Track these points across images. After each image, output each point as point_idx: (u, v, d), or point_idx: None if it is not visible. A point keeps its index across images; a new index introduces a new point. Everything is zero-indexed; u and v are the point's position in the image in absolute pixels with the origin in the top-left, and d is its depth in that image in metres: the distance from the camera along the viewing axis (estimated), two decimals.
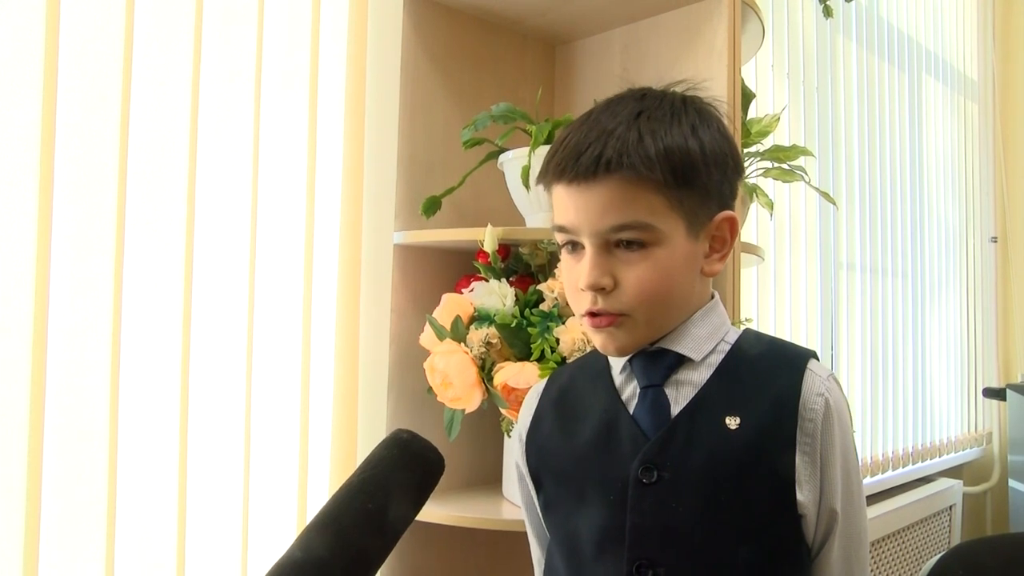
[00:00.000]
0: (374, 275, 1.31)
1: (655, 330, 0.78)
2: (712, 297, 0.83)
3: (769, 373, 0.78)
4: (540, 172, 0.80)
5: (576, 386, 0.87)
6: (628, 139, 0.73)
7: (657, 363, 0.79)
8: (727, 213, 0.79)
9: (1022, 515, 2.59)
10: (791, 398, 0.75)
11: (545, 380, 0.92)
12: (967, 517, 2.82)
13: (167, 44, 1.09)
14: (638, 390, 0.79)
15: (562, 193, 0.77)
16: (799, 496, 0.73)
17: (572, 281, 0.78)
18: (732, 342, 0.81)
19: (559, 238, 0.79)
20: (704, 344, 0.79)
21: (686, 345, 0.79)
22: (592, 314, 0.77)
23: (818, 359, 0.80)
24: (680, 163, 0.73)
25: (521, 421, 0.90)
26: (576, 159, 0.74)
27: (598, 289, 0.75)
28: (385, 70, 1.33)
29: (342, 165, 1.28)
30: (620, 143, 0.72)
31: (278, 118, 1.20)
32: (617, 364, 0.83)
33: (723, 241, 0.80)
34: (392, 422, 1.29)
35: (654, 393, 0.78)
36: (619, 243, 0.75)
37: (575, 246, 0.78)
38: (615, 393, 0.81)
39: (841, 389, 0.79)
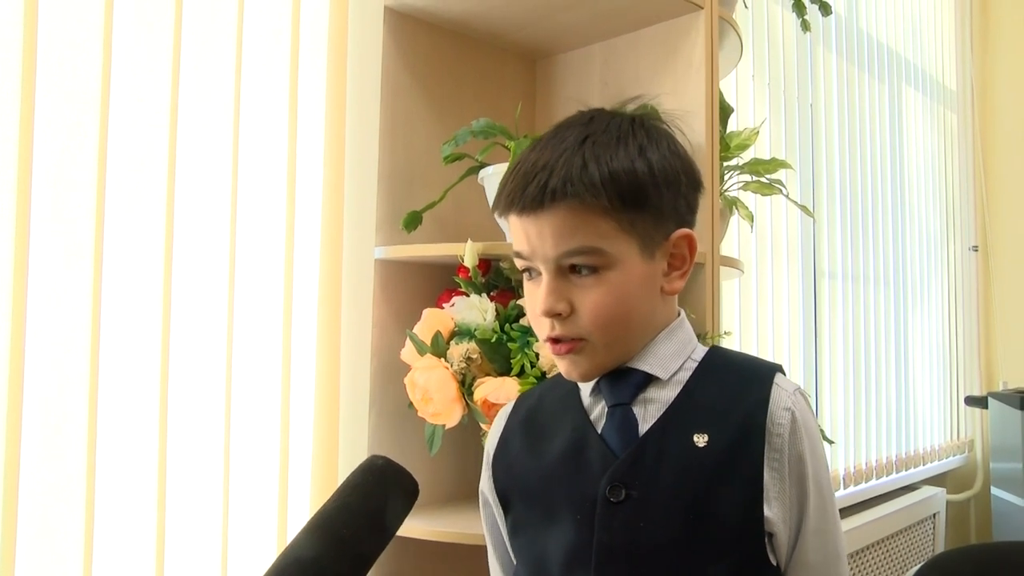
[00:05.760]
0: (355, 290, 1.31)
1: (617, 353, 0.79)
2: (678, 315, 0.83)
3: (736, 389, 0.78)
4: (494, 202, 0.81)
5: (545, 406, 0.87)
6: (572, 166, 0.74)
7: (624, 382, 0.79)
8: (684, 231, 0.79)
9: (1005, 522, 2.61)
10: (758, 414, 0.75)
11: (513, 402, 0.92)
12: (951, 525, 2.84)
13: (145, 56, 1.09)
14: (607, 409, 0.80)
15: (515, 221, 0.78)
16: (767, 512, 0.73)
17: (532, 307, 0.79)
18: (699, 359, 0.81)
19: (518, 264, 0.80)
20: (670, 362, 0.80)
21: (652, 364, 0.79)
22: (553, 340, 0.78)
23: (784, 373, 0.80)
24: (627, 186, 0.74)
25: (489, 443, 0.90)
26: (523, 190, 0.75)
27: (554, 315, 0.76)
28: (365, 85, 1.33)
29: (322, 180, 1.28)
30: (565, 171, 0.74)
31: (258, 133, 1.20)
32: (586, 384, 0.83)
33: (682, 259, 0.80)
34: (373, 437, 1.29)
35: (622, 412, 0.78)
36: (573, 268, 0.76)
37: (532, 272, 0.79)
38: (583, 412, 0.81)
39: (809, 403, 0.79)
